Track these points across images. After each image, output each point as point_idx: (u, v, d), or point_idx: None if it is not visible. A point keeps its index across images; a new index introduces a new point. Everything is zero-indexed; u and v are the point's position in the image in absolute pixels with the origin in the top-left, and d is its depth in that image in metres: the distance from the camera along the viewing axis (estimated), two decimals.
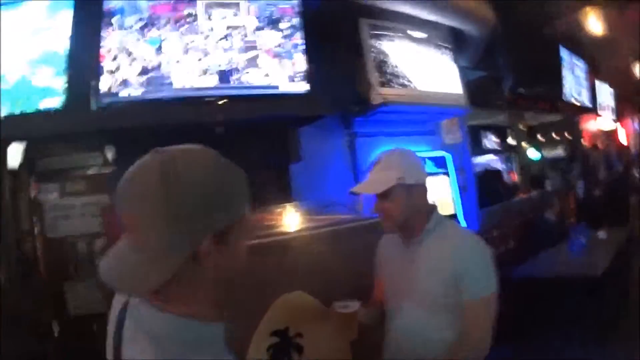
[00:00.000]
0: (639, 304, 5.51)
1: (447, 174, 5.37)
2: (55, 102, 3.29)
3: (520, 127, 9.11)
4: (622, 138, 15.43)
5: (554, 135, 10.12)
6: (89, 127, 3.32)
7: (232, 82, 3.53)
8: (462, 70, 5.79)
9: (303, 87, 3.80)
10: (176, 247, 0.90)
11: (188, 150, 0.98)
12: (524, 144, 9.12)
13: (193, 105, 3.45)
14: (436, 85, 5.26)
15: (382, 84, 4.70)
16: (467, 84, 5.76)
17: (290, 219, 3.68)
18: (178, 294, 0.95)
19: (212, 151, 1.00)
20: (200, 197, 0.90)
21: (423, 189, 2.10)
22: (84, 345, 3.67)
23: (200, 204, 0.90)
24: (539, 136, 9.93)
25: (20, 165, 3.87)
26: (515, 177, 8.78)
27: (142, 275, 0.89)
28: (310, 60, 3.82)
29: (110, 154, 3.91)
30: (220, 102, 3.50)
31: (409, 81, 4.98)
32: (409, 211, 2.01)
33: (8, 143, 3.65)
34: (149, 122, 3.32)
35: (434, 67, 5.35)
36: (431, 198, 2.19)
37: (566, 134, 10.28)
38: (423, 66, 5.20)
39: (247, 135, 4.05)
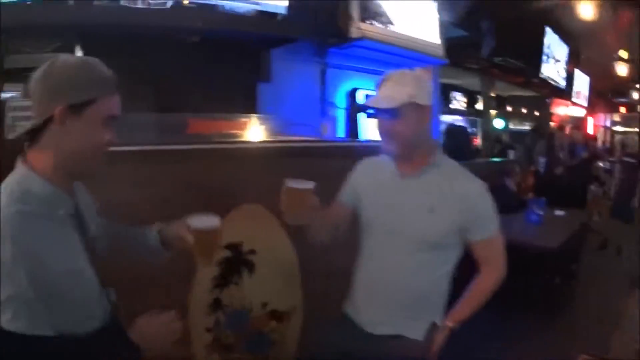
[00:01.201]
0: (587, 292, 5.70)
1: None
2: None
3: (491, 94, 9.20)
4: (590, 128, 15.79)
5: (523, 109, 10.27)
6: (64, 20, 3.25)
7: None
8: (444, 24, 5.83)
9: (282, 8, 3.84)
10: (42, 109, 1.27)
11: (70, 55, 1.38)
12: (491, 111, 9.22)
13: (172, 9, 3.42)
14: (416, 32, 5.31)
15: (363, 19, 4.72)
16: (447, 40, 5.80)
17: (256, 131, 3.70)
18: (40, 154, 1.30)
19: (82, 57, 1.41)
20: (60, 79, 1.27)
21: (431, 114, 1.92)
22: None
23: (56, 85, 1.27)
24: (508, 107, 10.06)
25: None
26: (477, 142, 8.91)
27: (26, 127, 1.32)
28: None
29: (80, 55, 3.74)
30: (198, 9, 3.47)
31: (390, 22, 5.02)
32: (417, 135, 1.86)
33: None
34: (126, 21, 3.30)
35: (418, 14, 5.40)
36: None
37: (535, 112, 10.45)
38: (407, 10, 5.24)
39: (220, 49, 4.06)
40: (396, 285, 1.91)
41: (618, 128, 18.73)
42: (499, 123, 9.52)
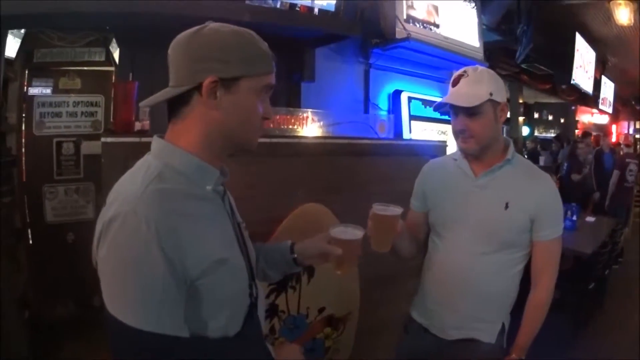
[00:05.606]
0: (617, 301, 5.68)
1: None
2: None
3: (519, 101, 9.17)
4: (614, 136, 15.70)
5: (549, 116, 10.25)
6: (98, 7, 3.03)
7: None
8: (482, 27, 5.84)
9: (330, 5, 3.84)
10: (182, 78, 1.15)
11: (222, 25, 1.19)
12: (520, 118, 9.20)
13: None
14: (458, 34, 5.32)
15: (408, 21, 4.73)
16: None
17: (310, 126, 3.69)
18: (184, 128, 1.17)
19: (238, 28, 1.19)
20: (210, 48, 1.13)
21: (506, 111, 1.91)
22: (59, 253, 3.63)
23: (209, 52, 1.13)
24: (535, 114, 10.04)
25: (17, 54, 3.67)
26: None
27: (161, 94, 1.17)
28: None
29: (115, 50, 3.73)
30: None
31: (434, 24, 5.03)
32: (494, 133, 1.86)
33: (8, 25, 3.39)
34: (163, 12, 3.09)
35: (459, 17, 5.41)
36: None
37: (561, 119, 10.42)
38: (449, 13, 5.26)
39: None
40: (472, 286, 1.90)
41: None
42: (524, 130, 9.54)
